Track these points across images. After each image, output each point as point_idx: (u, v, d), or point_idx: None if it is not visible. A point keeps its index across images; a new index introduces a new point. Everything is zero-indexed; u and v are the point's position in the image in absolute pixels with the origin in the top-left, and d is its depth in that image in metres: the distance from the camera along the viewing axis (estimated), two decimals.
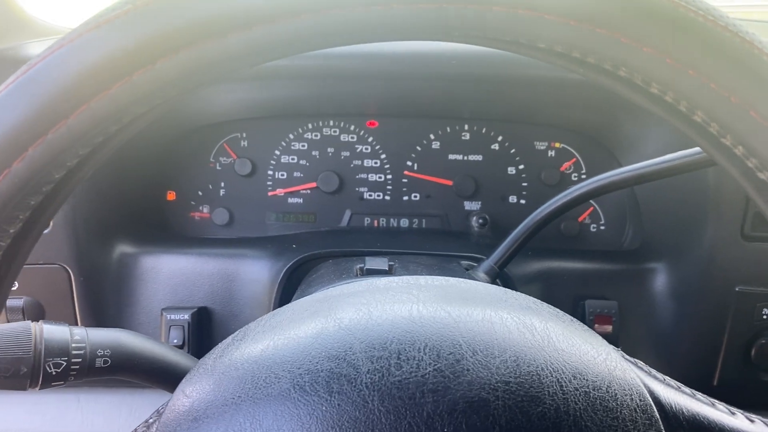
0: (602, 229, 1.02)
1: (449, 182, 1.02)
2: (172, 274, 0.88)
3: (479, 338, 0.35)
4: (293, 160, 1.02)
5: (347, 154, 1.02)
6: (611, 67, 0.29)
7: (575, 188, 0.74)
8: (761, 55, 0.27)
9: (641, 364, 0.40)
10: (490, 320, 0.36)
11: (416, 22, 0.28)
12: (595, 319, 0.86)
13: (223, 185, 1.02)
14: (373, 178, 1.02)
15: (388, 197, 1.03)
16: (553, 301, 0.44)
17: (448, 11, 0.28)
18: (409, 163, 1.02)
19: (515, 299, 0.41)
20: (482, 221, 0.98)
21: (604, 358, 0.36)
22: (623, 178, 0.71)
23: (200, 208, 1.02)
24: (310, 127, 1.02)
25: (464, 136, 1.02)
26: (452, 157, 1.02)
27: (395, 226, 1.03)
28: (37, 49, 0.91)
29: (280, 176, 1.02)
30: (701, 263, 0.85)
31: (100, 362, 0.50)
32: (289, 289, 0.85)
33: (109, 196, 0.90)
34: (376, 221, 1.03)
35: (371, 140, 1.02)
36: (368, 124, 1.02)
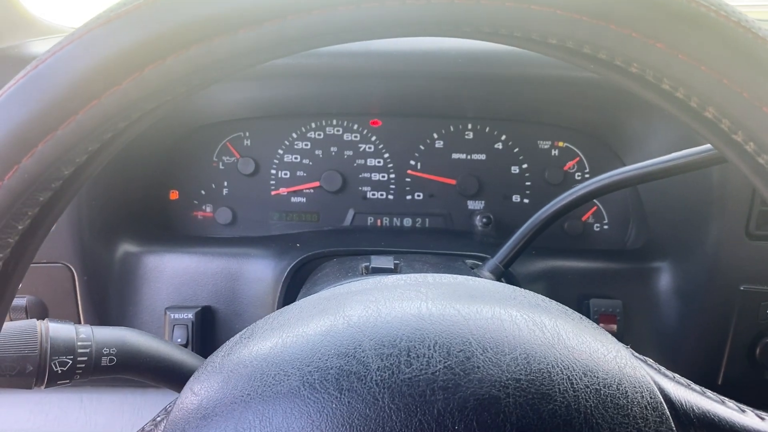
0: (606, 228, 1.02)
1: (452, 181, 1.02)
2: (175, 273, 0.88)
3: (489, 336, 0.35)
4: (296, 159, 1.02)
5: (350, 153, 1.02)
6: (623, 63, 0.29)
7: (580, 187, 0.74)
8: None
9: (651, 361, 0.40)
10: (499, 318, 0.36)
11: (427, 17, 0.28)
12: (599, 318, 0.86)
13: (226, 184, 1.02)
14: (376, 177, 1.02)
15: (391, 196, 1.03)
16: (558, 300, 0.44)
17: (459, 7, 0.28)
18: (412, 162, 1.02)
19: (524, 297, 0.41)
20: (486, 220, 0.98)
21: (614, 355, 0.36)
22: (629, 176, 0.71)
23: (203, 207, 1.02)
24: (313, 126, 1.01)
25: (467, 135, 1.02)
26: (455, 156, 1.02)
27: (398, 225, 1.03)
28: (39, 47, 0.90)
29: (283, 175, 1.02)
30: (706, 262, 0.85)
31: (105, 361, 0.50)
32: (293, 288, 0.85)
33: (112, 195, 0.90)
34: (379, 220, 1.02)
35: (374, 139, 1.02)
36: (371, 123, 1.02)
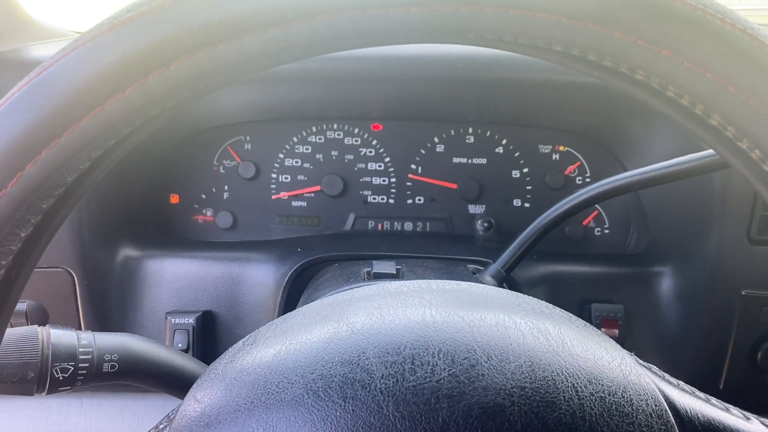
0: (606, 232, 1.02)
1: (453, 185, 1.02)
2: (176, 277, 0.88)
3: (494, 343, 0.34)
4: (297, 163, 1.02)
5: (351, 157, 1.02)
6: (627, 70, 0.29)
7: (582, 192, 0.74)
8: None
9: (655, 368, 0.40)
10: (504, 325, 0.36)
11: (432, 25, 0.28)
12: (601, 322, 0.86)
13: (226, 188, 1.02)
14: (377, 181, 1.02)
15: (392, 200, 1.02)
16: (559, 304, 0.44)
17: (463, 15, 0.28)
18: (413, 166, 1.02)
19: (528, 303, 0.40)
20: (487, 225, 0.98)
21: (618, 362, 0.36)
22: (631, 181, 0.71)
23: (204, 211, 1.02)
24: (314, 130, 1.01)
25: (468, 139, 1.02)
26: (456, 160, 1.02)
27: (399, 229, 1.02)
28: (39, 51, 0.90)
29: (283, 179, 1.02)
30: (707, 267, 0.85)
31: (107, 367, 0.49)
32: (294, 293, 0.85)
33: (112, 199, 0.90)
34: (380, 225, 1.02)
35: (375, 143, 1.02)
36: (372, 127, 1.02)
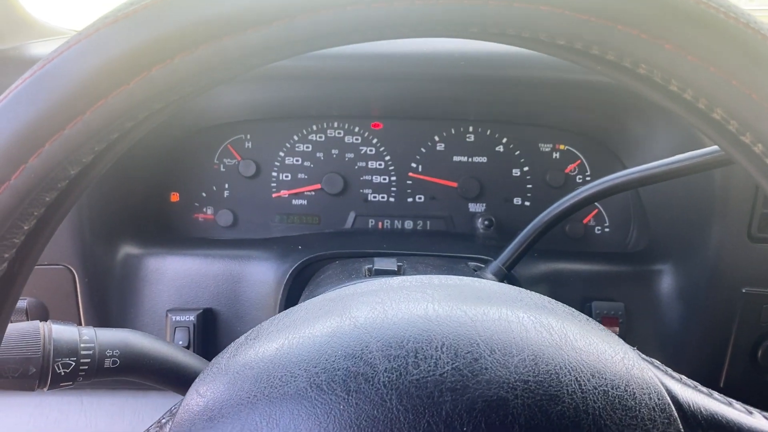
0: (607, 231, 1.02)
1: (454, 184, 1.02)
2: (176, 275, 0.88)
3: (496, 337, 0.34)
4: (297, 161, 1.02)
5: (351, 155, 1.02)
6: (630, 64, 0.29)
7: (583, 189, 0.74)
8: None
9: (658, 363, 0.40)
10: (506, 319, 0.36)
11: (436, 18, 0.28)
12: (601, 320, 0.86)
13: (227, 187, 1.01)
14: (377, 179, 1.02)
15: (392, 199, 1.02)
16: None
17: (467, 8, 0.28)
18: (413, 164, 1.02)
19: (530, 298, 0.40)
20: (488, 223, 0.98)
21: (621, 357, 0.36)
22: (631, 179, 0.71)
23: (204, 209, 1.02)
24: (314, 128, 1.01)
25: (469, 137, 1.02)
26: (457, 158, 1.02)
27: (399, 227, 1.02)
28: (39, 49, 0.90)
29: (284, 178, 1.02)
30: (708, 265, 0.85)
31: (108, 363, 0.49)
32: (294, 290, 0.85)
33: (113, 197, 0.90)
34: (380, 223, 1.02)
35: (375, 142, 1.02)
36: (373, 125, 1.02)
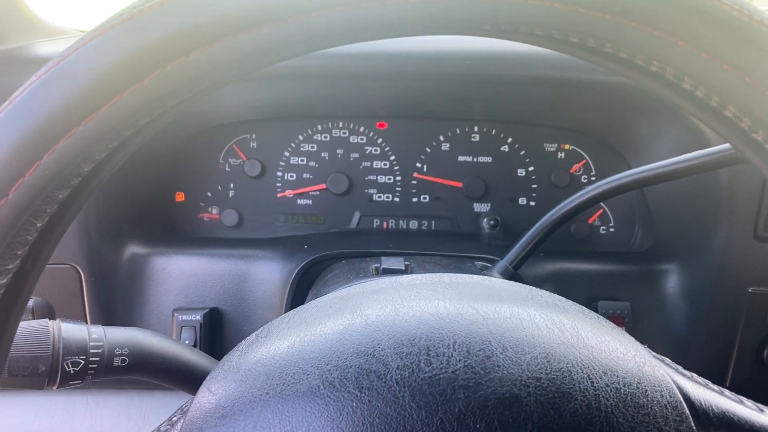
0: (612, 230, 1.02)
1: (459, 184, 1.02)
2: (182, 274, 0.88)
3: (508, 335, 0.34)
4: (302, 161, 1.02)
5: (356, 155, 1.02)
6: (642, 61, 0.29)
7: (590, 189, 0.74)
8: None
9: (669, 361, 0.40)
10: (518, 317, 0.36)
11: (449, 15, 0.28)
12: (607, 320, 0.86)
13: (232, 186, 1.02)
14: (382, 179, 1.02)
15: (397, 199, 1.03)
16: None
17: (480, 5, 0.28)
18: (418, 164, 1.02)
19: (541, 296, 0.41)
20: (493, 222, 0.98)
21: (633, 354, 0.36)
22: (638, 178, 0.71)
23: (209, 209, 1.02)
24: (319, 128, 1.01)
25: (474, 137, 1.02)
26: (462, 158, 1.02)
27: (404, 227, 1.02)
28: (44, 49, 0.90)
29: (289, 178, 1.02)
30: (713, 264, 0.85)
31: (117, 361, 0.49)
32: (301, 289, 0.85)
33: (119, 196, 0.90)
34: (385, 223, 1.02)
35: (380, 142, 1.02)
36: (378, 125, 1.02)
